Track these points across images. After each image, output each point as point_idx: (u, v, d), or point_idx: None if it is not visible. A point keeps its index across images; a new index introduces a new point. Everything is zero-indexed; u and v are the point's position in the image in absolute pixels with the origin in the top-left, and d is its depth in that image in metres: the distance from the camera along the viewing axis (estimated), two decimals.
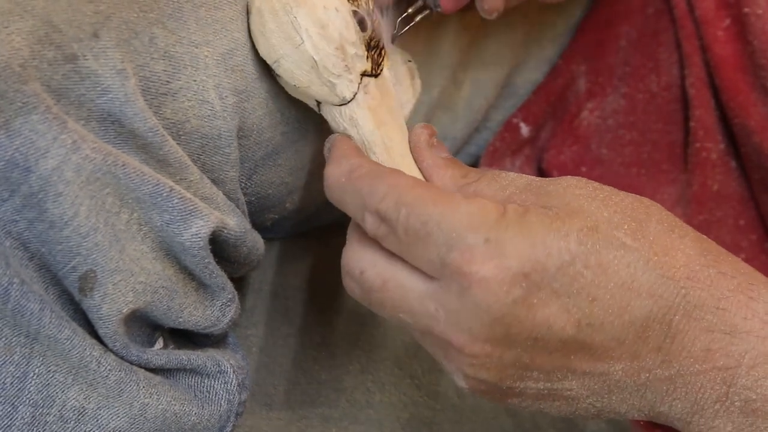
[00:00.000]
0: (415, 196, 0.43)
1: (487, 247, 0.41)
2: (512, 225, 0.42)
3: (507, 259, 0.41)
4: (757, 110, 0.54)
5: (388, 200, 0.43)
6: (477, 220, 0.42)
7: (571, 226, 0.42)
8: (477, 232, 0.42)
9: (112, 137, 0.43)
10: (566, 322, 0.42)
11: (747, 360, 0.42)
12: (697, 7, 0.57)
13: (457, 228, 0.42)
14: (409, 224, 0.43)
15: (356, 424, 0.58)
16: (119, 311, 0.43)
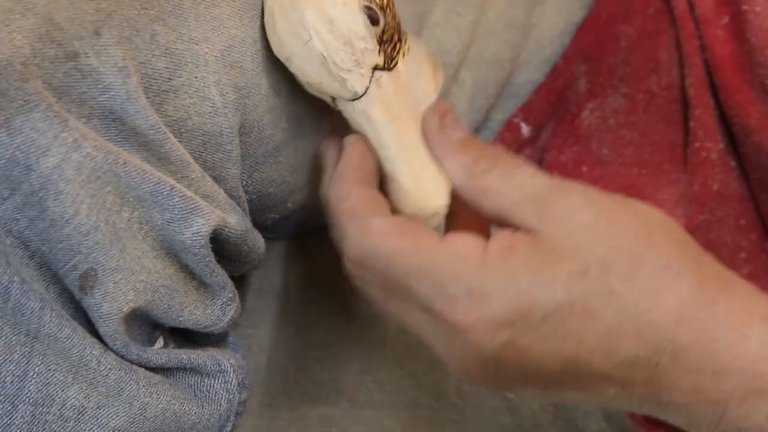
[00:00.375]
0: (391, 248, 0.43)
1: (469, 297, 0.41)
2: (495, 271, 0.42)
3: (491, 309, 0.41)
4: (756, 108, 0.55)
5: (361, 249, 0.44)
6: (457, 268, 0.42)
7: (560, 271, 0.41)
8: (458, 283, 0.42)
9: (113, 135, 0.43)
10: (554, 360, 0.42)
11: (738, 395, 0.42)
12: (697, 6, 0.57)
13: (438, 279, 0.42)
14: (389, 276, 0.43)
15: (356, 424, 0.58)
16: (120, 310, 0.43)
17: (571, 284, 0.41)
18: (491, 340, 0.41)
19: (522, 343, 0.42)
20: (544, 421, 0.61)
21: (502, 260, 0.42)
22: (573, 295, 0.41)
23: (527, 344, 0.42)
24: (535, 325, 0.41)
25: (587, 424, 0.61)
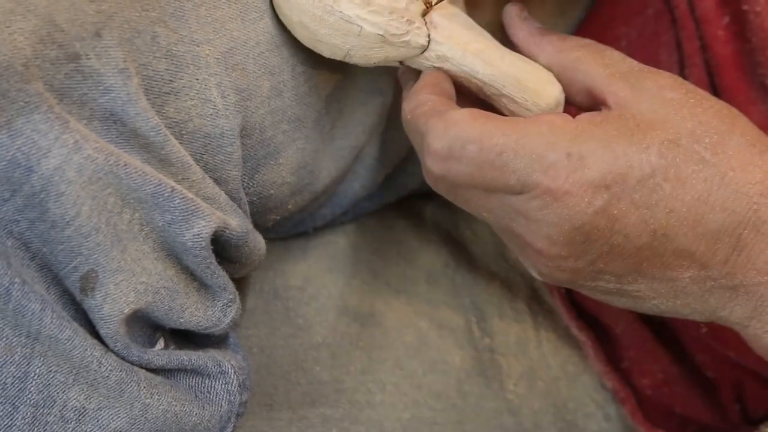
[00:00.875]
0: (480, 131, 0.44)
1: (569, 161, 0.43)
2: (592, 137, 0.43)
3: (590, 171, 0.43)
4: (757, 108, 0.55)
5: (448, 138, 0.44)
6: (554, 137, 0.43)
7: (653, 138, 0.43)
8: (556, 149, 0.43)
9: (114, 137, 0.43)
10: (642, 231, 0.43)
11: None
12: (697, 6, 0.57)
13: (535, 150, 0.43)
14: (481, 159, 0.44)
15: (357, 424, 0.58)
16: (120, 311, 0.43)
17: (664, 150, 0.43)
18: (587, 206, 0.43)
19: (616, 210, 0.43)
20: (545, 422, 0.61)
21: (596, 128, 0.43)
22: (666, 160, 0.43)
23: (621, 211, 0.43)
24: (630, 191, 0.43)
25: (588, 425, 0.61)
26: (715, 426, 0.61)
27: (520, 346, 0.63)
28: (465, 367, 0.61)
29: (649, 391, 0.61)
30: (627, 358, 0.61)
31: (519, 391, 0.62)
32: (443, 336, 0.62)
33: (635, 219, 0.43)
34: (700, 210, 0.43)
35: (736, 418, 0.60)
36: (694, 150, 0.43)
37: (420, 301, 0.63)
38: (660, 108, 0.44)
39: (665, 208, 0.43)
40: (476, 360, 0.62)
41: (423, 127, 0.46)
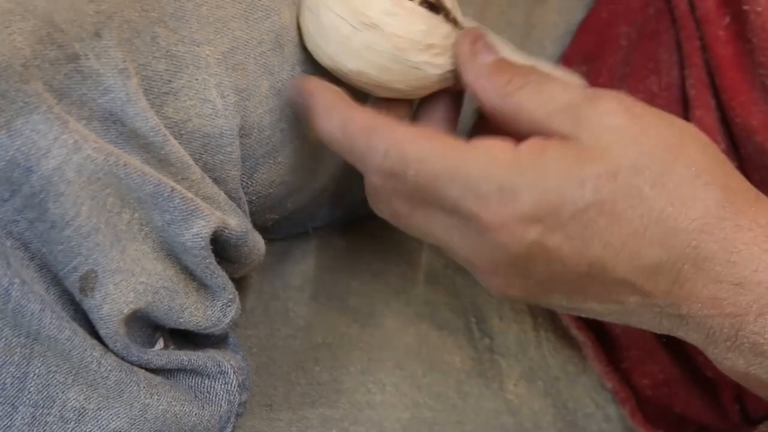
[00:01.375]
0: (420, 152, 0.44)
1: (500, 194, 0.42)
2: (526, 169, 0.43)
3: (521, 205, 0.42)
4: (758, 109, 0.54)
5: (391, 158, 0.44)
6: (489, 167, 0.43)
7: (590, 171, 0.42)
8: (489, 181, 0.43)
9: (113, 137, 0.43)
10: (579, 262, 0.43)
11: (755, 309, 0.43)
12: (698, 6, 0.57)
13: (469, 179, 0.43)
14: (420, 181, 0.44)
15: (356, 424, 0.58)
16: (120, 311, 0.43)
17: (600, 184, 0.42)
18: (521, 238, 0.43)
19: (550, 242, 0.43)
20: (545, 422, 0.61)
21: (533, 159, 0.43)
22: (601, 195, 0.42)
23: (555, 243, 0.43)
24: (563, 224, 0.42)
25: (587, 425, 0.61)
26: (715, 426, 0.61)
27: (519, 346, 0.63)
28: (465, 367, 0.61)
29: (649, 392, 0.61)
30: (627, 359, 0.61)
31: (519, 392, 0.62)
32: (443, 336, 0.62)
33: (570, 251, 0.43)
34: (636, 244, 0.42)
35: (736, 418, 0.60)
36: (632, 184, 0.42)
37: (420, 301, 0.63)
38: (602, 136, 0.43)
39: (600, 242, 0.42)
40: (476, 360, 0.62)
41: (363, 146, 0.45)
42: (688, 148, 0.44)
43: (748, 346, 0.43)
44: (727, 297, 0.43)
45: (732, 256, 0.42)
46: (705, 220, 0.42)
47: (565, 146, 0.43)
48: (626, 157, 0.43)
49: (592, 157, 0.43)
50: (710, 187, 0.43)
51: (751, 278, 0.42)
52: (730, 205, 0.43)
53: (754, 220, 0.43)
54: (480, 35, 0.48)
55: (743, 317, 0.43)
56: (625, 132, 0.43)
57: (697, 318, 0.44)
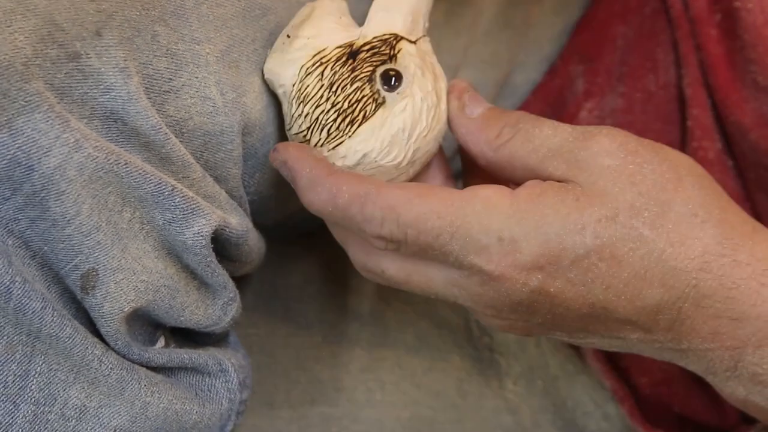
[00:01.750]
0: (417, 215, 0.44)
1: (500, 245, 0.43)
2: (526, 217, 0.43)
3: (521, 255, 0.43)
4: (750, 107, 0.55)
5: (388, 225, 0.44)
6: (487, 219, 0.43)
7: (590, 217, 0.43)
8: (489, 233, 0.43)
9: (114, 135, 0.43)
10: (581, 304, 0.43)
11: (753, 341, 0.43)
12: (691, 6, 0.57)
13: (469, 234, 0.43)
14: (421, 242, 0.44)
15: (357, 423, 0.58)
16: (121, 310, 0.43)
17: (599, 229, 0.42)
18: (523, 286, 0.43)
19: (552, 288, 0.43)
20: (544, 421, 0.61)
21: (532, 206, 0.43)
22: (602, 240, 0.42)
23: (557, 289, 0.43)
24: (564, 270, 0.43)
25: (587, 424, 0.61)
26: (713, 425, 0.61)
27: (519, 345, 0.63)
28: (464, 366, 0.62)
29: (648, 390, 0.61)
30: (626, 358, 0.61)
31: (518, 390, 0.62)
32: (443, 335, 0.62)
33: (573, 294, 0.43)
34: (637, 286, 0.43)
35: (735, 417, 0.60)
36: (631, 226, 0.43)
37: (419, 300, 0.63)
38: (598, 179, 0.43)
39: (602, 285, 0.43)
40: (475, 359, 0.62)
41: (358, 216, 0.44)
42: (684, 183, 0.44)
43: (747, 376, 0.44)
44: (726, 331, 0.43)
45: (730, 292, 0.43)
46: (704, 259, 0.43)
47: (563, 190, 0.43)
48: (624, 199, 0.43)
49: (590, 201, 0.43)
50: (707, 225, 0.43)
51: (749, 312, 0.43)
52: (727, 241, 0.43)
53: (751, 254, 0.43)
54: (464, 88, 0.49)
55: (742, 349, 0.43)
56: (620, 172, 0.43)
57: (698, 351, 0.44)
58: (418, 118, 0.47)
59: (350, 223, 0.45)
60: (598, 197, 0.43)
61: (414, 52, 0.48)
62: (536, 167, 0.45)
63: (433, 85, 0.48)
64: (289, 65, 0.48)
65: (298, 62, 0.47)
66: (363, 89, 0.47)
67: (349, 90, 0.47)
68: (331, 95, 0.47)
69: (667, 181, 0.44)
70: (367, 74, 0.47)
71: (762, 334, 0.43)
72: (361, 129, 0.47)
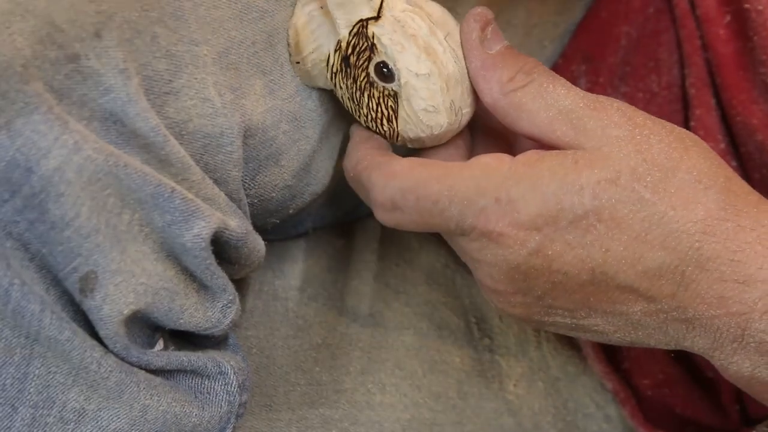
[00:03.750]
0: (416, 180, 0.45)
1: (498, 205, 0.43)
2: (522, 179, 0.43)
3: (519, 215, 0.43)
4: (759, 108, 0.55)
5: (389, 190, 0.45)
6: (485, 181, 0.43)
7: (588, 178, 0.42)
8: (485, 195, 0.43)
9: (113, 137, 0.43)
10: (581, 269, 0.43)
11: (760, 306, 0.43)
12: (698, 5, 0.57)
13: (467, 196, 0.44)
14: (420, 207, 0.45)
15: (356, 425, 0.58)
16: (120, 312, 0.43)
17: (599, 191, 0.42)
18: (520, 247, 0.43)
19: (550, 251, 0.43)
20: (545, 423, 0.61)
21: (529, 169, 0.43)
22: (600, 201, 0.42)
23: (555, 252, 0.43)
24: (562, 232, 0.43)
25: (588, 426, 0.61)
26: (715, 427, 0.61)
27: (519, 346, 0.63)
28: (465, 367, 0.61)
29: (650, 392, 0.61)
30: (627, 359, 0.61)
31: (519, 392, 0.62)
32: (443, 337, 0.62)
33: (571, 258, 0.43)
34: (638, 249, 0.43)
35: (736, 418, 0.60)
36: (633, 189, 0.42)
37: (420, 301, 0.63)
38: (604, 146, 0.43)
39: (601, 248, 0.43)
40: (476, 361, 0.62)
41: (367, 182, 0.47)
42: (690, 153, 0.44)
43: (754, 346, 0.44)
44: (732, 295, 0.43)
45: (735, 255, 0.42)
46: (707, 222, 0.43)
47: (562, 155, 0.43)
48: (627, 164, 0.43)
49: (590, 163, 0.43)
50: (711, 191, 0.43)
51: (756, 276, 0.42)
52: (731, 207, 0.43)
53: (756, 220, 0.43)
54: (489, 20, 0.48)
55: (749, 315, 0.43)
56: (627, 141, 0.43)
57: (704, 320, 0.44)
58: (430, 87, 0.47)
59: (360, 190, 0.48)
60: (601, 160, 0.43)
61: (385, 28, 0.47)
62: (543, 126, 0.45)
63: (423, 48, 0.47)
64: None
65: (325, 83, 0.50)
66: (372, 92, 0.48)
67: (365, 99, 0.48)
68: (359, 108, 0.49)
69: (673, 150, 0.44)
70: (365, 79, 0.48)
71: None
72: (400, 122, 0.48)
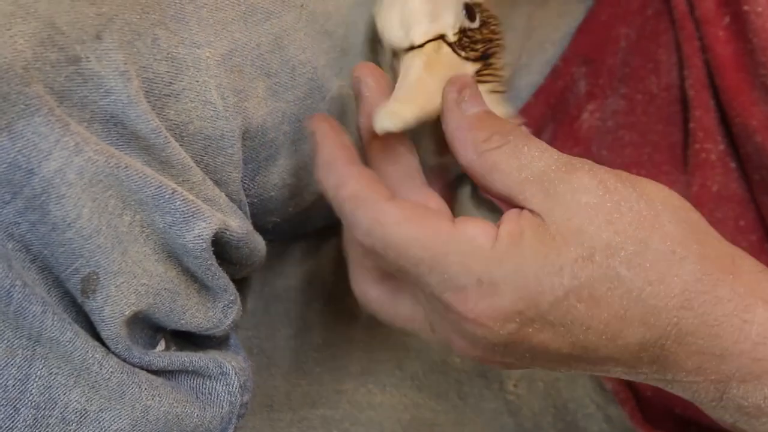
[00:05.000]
0: (401, 238, 0.43)
1: (479, 288, 0.42)
2: (504, 261, 0.42)
3: (500, 299, 0.42)
4: (758, 109, 0.54)
5: (372, 238, 0.44)
6: (468, 260, 0.42)
7: (567, 257, 0.42)
8: (469, 274, 0.42)
9: (114, 139, 0.43)
10: (561, 344, 0.43)
11: (738, 376, 0.43)
12: (697, 7, 0.57)
13: (448, 271, 0.42)
14: (399, 266, 0.43)
15: (357, 425, 0.58)
16: (121, 313, 0.43)
17: (577, 270, 0.42)
18: (500, 330, 0.42)
19: (530, 331, 0.43)
20: (545, 423, 0.61)
21: (511, 248, 0.42)
22: (579, 281, 0.42)
23: (536, 330, 0.43)
24: (543, 313, 0.42)
25: (588, 426, 0.61)
26: (715, 427, 0.61)
27: None
28: (465, 368, 0.62)
29: (649, 392, 0.61)
30: None
31: (519, 392, 0.62)
32: None
33: (552, 336, 0.43)
34: (618, 326, 0.42)
35: None
36: (608, 266, 0.42)
37: None
38: (574, 216, 0.43)
39: (581, 326, 0.42)
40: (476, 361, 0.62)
41: (350, 216, 0.44)
42: (661, 219, 0.43)
43: (733, 407, 0.44)
44: (710, 367, 0.43)
45: (713, 329, 0.42)
46: (684, 296, 0.42)
47: (541, 229, 0.43)
48: (600, 238, 0.42)
49: (566, 240, 0.42)
50: (686, 261, 0.43)
51: (732, 349, 0.42)
52: (707, 277, 0.43)
53: (732, 289, 0.43)
54: (468, 83, 0.48)
55: (726, 383, 0.43)
56: (597, 210, 0.43)
57: (683, 383, 0.44)
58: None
59: (342, 218, 0.46)
60: (574, 236, 0.42)
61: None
62: (514, 187, 0.44)
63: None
64: None
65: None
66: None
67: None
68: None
69: (644, 219, 0.43)
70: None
71: (746, 370, 0.43)
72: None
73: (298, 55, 0.49)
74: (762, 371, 0.43)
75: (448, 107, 0.47)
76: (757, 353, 0.42)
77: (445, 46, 0.49)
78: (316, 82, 0.50)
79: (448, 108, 0.47)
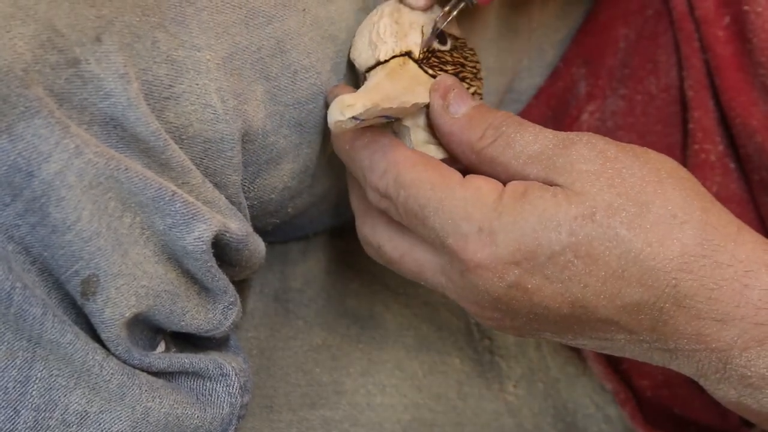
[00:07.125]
0: (413, 178, 0.45)
1: (479, 236, 0.43)
2: (506, 212, 0.43)
3: (498, 248, 0.43)
4: (758, 109, 0.54)
5: (387, 178, 0.46)
6: (471, 208, 0.44)
7: (565, 214, 0.43)
8: (470, 221, 0.44)
9: (114, 141, 0.43)
10: (561, 303, 0.44)
11: (739, 343, 0.43)
12: (697, 7, 0.57)
13: (452, 216, 0.44)
14: (408, 206, 0.45)
15: (357, 426, 0.58)
16: (122, 315, 0.43)
17: (576, 227, 0.43)
18: (499, 280, 0.43)
19: (529, 284, 0.43)
20: (545, 424, 0.61)
21: (512, 202, 0.43)
22: (577, 238, 0.43)
23: (534, 286, 0.43)
24: (540, 267, 0.43)
25: (588, 426, 0.61)
26: (714, 427, 0.61)
27: (519, 347, 0.63)
28: (465, 368, 0.62)
29: (649, 393, 0.61)
30: (627, 360, 0.61)
31: (519, 393, 0.62)
32: (443, 338, 0.62)
33: (551, 292, 0.43)
34: (616, 285, 0.43)
35: (736, 419, 0.60)
36: (608, 225, 0.42)
37: (419, 303, 0.63)
38: (576, 181, 0.43)
39: (579, 283, 0.43)
40: (476, 361, 0.62)
41: (366, 161, 0.47)
42: (665, 185, 0.44)
43: (736, 378, 0.44)
44: (710, 333, 0.43)
45: (712, 293, 0.43)
46: (683, 259, 0.42)
47: (543, 188, 0.44)
48: (602, 199, 0.43)
49: (567, 199, 0.43)
50: (687, 226, 0.43)
51: (733, 314, 0.43)
52: (708, 242, 0.43)
53: (733, 255, 0.43)
54: (449, 86, 0.49)
55: (728, 352, 0.43)
56: (598, 175, 0.43)
57: (685, 352, 0.44)
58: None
59: (357, 166, 0.47)
60: (577, 196, 0.43)
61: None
62: (517, 173, 0.45)
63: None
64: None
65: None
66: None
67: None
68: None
69: (647, 183, 0.44)
70: None
71: (747, 336, 0.43)
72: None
73: (302, 60, 0.49)
74: (765, 336, 0.43)
75: (436, 115, 0.48)
76: (760, 318, 0.43)
77: (411, 62, 0.50)
78: (319, 87, 0.50)
79: (437, 115, 0.48)
